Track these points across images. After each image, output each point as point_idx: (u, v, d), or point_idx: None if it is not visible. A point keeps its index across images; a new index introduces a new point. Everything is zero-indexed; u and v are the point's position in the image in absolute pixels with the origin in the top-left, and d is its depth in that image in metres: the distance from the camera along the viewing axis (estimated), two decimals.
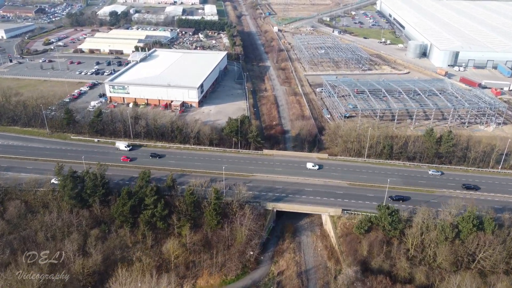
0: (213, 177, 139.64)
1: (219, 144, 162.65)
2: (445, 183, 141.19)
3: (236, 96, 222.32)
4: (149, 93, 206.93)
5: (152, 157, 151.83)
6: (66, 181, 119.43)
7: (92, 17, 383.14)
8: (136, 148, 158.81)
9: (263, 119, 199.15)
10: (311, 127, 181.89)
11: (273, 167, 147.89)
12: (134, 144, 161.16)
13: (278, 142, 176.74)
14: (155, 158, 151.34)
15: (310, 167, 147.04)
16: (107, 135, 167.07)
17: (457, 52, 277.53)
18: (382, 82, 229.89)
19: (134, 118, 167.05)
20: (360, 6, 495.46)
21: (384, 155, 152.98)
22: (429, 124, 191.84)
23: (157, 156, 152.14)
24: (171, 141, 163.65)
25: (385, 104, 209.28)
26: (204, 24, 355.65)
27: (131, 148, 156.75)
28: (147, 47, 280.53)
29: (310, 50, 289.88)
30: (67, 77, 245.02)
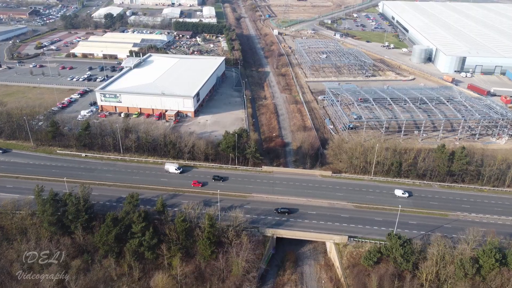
0: (208, 197, 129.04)
1: (215, 159, 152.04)
2: (458, 204, 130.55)
3: (234, 105, 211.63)
4: (142, 102, 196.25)
5: (215, 180, 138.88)
6: (45, 206, 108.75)
7: (87, 19, 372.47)
8: (187, 170, 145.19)
9: (262, 130, 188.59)
10: (313, 139, 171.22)
11: (273, 186, 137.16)
12: (179, 164, 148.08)
13: (278, 155, 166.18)
14: (219, 181, 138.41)
15: (400, 195, 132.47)
16: (95, 149, 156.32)
17: (464, 57, 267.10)
18: (387, 90, 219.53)
19: (125, 131, 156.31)
20: (362, 8, 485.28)
21: (392, 173, 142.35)
22: (438, 136, 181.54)
23: (220, 179, 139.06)
24: (164, 156, 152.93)
25: (391, 114, 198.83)
26: (202, 27, 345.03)
27: (182, 171, 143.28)
28: (142, 51, 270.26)
29: (311, 55, 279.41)
30: (58, 84, 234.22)
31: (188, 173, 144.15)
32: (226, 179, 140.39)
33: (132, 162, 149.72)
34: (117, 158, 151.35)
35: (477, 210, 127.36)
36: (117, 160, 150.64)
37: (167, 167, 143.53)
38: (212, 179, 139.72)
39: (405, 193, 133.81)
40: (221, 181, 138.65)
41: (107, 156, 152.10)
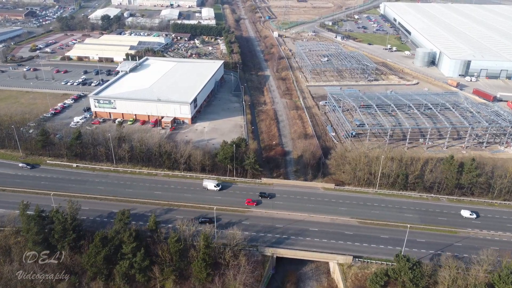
0: (204, 212, 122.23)
1: (212, 170, 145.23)
2: (469, 220, 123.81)
3: (233, 111, 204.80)
4: (137, 108, 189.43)
5: (262, 197, 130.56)
6: (30, 224, 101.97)
7: (84, 21, 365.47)
8: (227, 186, 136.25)
9: (262, 138, 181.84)
10: (315, 148, 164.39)
11: (273, 199, 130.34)
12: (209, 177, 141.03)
13: (278, 165, 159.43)
14: (266, 198, 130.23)
15: (467, 216, 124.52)
16: (87, 159, 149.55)
17: (469, 61, 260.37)
18: (391, 95, 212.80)
19: (118, 140, 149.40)
20: (363, 9, 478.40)
21: (398, 185, 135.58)
22: (444, 144, 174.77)
23: (268, 196, 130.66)
24: (159, 166, 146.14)
25: (394, 121, 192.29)
26: (200, 29, 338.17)
27: (221, 188, 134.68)
28: (139, 54, 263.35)
29: (312, 58, 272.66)
30: (51, 88, 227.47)
31: (229, 189, 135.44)
32: (273, 196, 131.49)
33: (125, 174, 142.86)
34: (109, 169, 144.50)
35: (489, 226, 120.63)
36: (110, 171, 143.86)
37: (205, 183, 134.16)
38: (259, 196, 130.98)
39: (472, 214, 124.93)
40: (268, 198, 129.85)
41: (99, 166, 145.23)
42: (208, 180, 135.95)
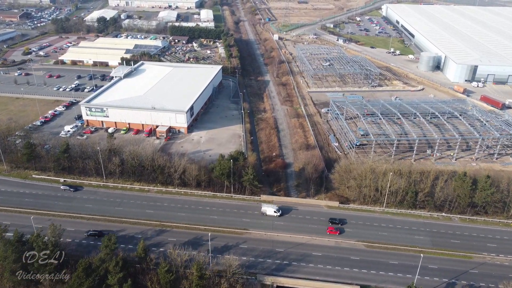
0: (199, 234, 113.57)
1: (208, 185, 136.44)
2: (483, 243, 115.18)
3: (231, 119, 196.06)
4: (131, 116, 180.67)
5: (332, 224, 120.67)
6: (7, 251, 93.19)
7: (79, 23, 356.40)
8: (287, 210, 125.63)
9: (261, 148, 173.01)
10: (317, 160, 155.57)
11: (273, 219, 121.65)
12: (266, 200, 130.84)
13: (278, 179, 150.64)
14: (337, 225, 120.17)
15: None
16: (76, 173, 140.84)
17: (476, 66, 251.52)
18: (396, 103, 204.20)
19: (109, 152, 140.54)
20: (364, 11, 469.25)
21: (406, 203, 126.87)
22: (453, 156, 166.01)
23: (339, 223, 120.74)
24: (152, 181, 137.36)
25: (400, 130, 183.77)
26: (199, 31, 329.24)
27: (281, 213, 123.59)
28: (134, 58, 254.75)
29: (313, 62, 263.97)
30: (43, 94, 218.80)
31: (290, 213, 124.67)
32: (344, 222, 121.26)
33: (115, 189, 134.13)
34: (99, 184, 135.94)
35: (506, 251, 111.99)
36: (99, 186, 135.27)
37: (264, 209, 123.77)
38: (329, 222, 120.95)
39: None
40: (339, 225, 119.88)
41: (88, 182, 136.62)
42: (267, 205, 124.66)
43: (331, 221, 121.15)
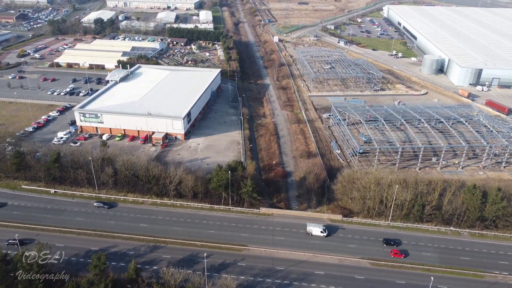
0: (194, 251, 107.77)
1: (205, 196, 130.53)
2: (495, 260, 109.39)
3: (230, 125, 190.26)
4: (126, 123, 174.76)
5: (388, 245, 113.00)
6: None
7: (76, 24, 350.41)
8: (334, 229, 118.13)
9: (261, 156, 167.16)
10: (319, 169, 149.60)
11: (273, 234, 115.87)
12: None
13: (279, 189, 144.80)
14: (392, 246, 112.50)
15: None
16: (67, 183, 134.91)
17: (480, 69, 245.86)
18: (399, 108, 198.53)
19: (101, 161, 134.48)
20: (366, 12, 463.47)
21: (413, 216, 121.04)
22: (459, 165, 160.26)
23: (394, 244, 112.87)
24: (146, 192, 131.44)
25: (404, 136, 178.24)
26: (197, 33, 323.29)
27: (328, 234, 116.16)
28: (131, 61, 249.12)
29: (314, 65, 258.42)
30: (37, 98, 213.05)
31: (338, 233, 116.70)
32: (399, 243, 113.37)
33: (108, 201, 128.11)
34: (91, 195, 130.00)
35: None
36: (91, 198, 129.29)
37: (310, 228, 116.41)
38: (383, 243, 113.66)
39: None
40: (395, 246, 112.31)
41: (79, 193, 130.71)
42: (313, 224, 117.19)
43: (385, 242, 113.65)
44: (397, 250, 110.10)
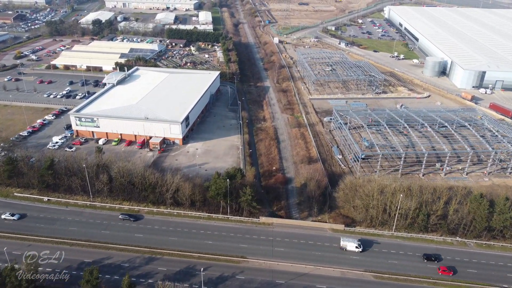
0: (191, 263, 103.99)
1: (203, 204, 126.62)
2: (503, 272, 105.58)
3: (229, 129, 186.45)
4: (123, 127, 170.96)
5: (428, 260, 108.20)
6: None
7: (74, 25, 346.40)
8: (368, 244, 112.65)
9: (260, 162, 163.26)
10: (320, 175, 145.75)
11: (273, 245, 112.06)
12: None
13: (279, 196, 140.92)
14: (433, 261, 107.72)
15: None
16: (61, 190, 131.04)
17: (484, 72, 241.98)
18: (402, 111, 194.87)
19: (96, 168, 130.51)
20: (366, 13, 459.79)
21: (417, 226, 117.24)
22: (463, 171, 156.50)
23: (435, 260, 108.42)
24: (143, 200, 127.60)
25: (407, 141, 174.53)
26: (196, 35, 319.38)
27: (363, 249, 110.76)
28: (129, 63, 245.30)
29: (315, 67, 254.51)
30: (32, 101, 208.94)
31: (373, 247, 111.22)
32: (439, 258, 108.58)
33: (102, 210, 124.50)
34: (85, 203, 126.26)
35: None
36: (85, 206, 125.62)
37: (344, 243, 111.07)
38: (424, 258, 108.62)
39: None
40: (436, 261, 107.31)
41: (73, 201, 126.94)
42: (347, 239, 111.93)
43: (426, 258, 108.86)
44: (445, 267, 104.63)
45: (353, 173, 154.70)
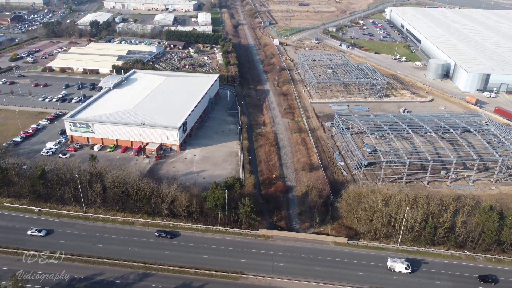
0: (188, 279, 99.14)
1: (201, 215, 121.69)
2: None
3: (228, 134, 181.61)
4: (119, 133, 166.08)
5: (484, 281, 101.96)
6: None
7: (71, 27, 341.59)
8: (416, 264, 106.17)
9: (260, 169, 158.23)
10: (322, 183, 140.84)
11: (273, 259, 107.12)
12: None
13: (279, 205, 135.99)
14: (490, 283, 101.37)
15: None
16: (53, 200, 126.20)
17: (488, 75, 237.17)
18: (405, 116, 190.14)
19: (90, 177, 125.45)
20: (367, 14, 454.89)
21: (424, 239, 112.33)
22: (470, 178, 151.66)
23: (492, 281, 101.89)
24: (138, 210, 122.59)
25: (411, 147, 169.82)
26: (195, 36, 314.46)
27: (412, 270, 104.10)
28: (126, 66, 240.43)
29: (315, 69, 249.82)
30: (27, 105, 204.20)
31: (422, 267, 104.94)
32: (496, 279, 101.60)
33: (96, 221, 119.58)
34: (77, 214, 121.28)
35: None
36: (78, 217, 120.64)
37: (391, 264, 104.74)
38: (480, 280, 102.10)
39: None
40: (493, 284, 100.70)
41: (65, 212, 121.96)
42: (395, 259, 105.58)
43: (482, 279, 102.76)
44: None
45: (356, 181, 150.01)
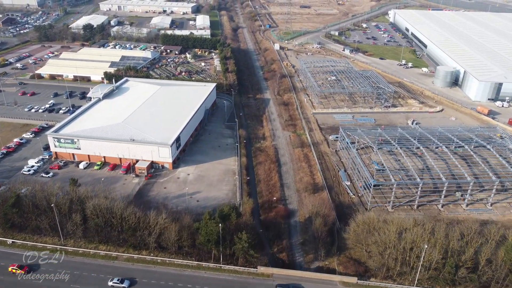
0: None
1: (192, 246, 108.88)
2: None
3: (225, 150, 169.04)
4: (106, 149, 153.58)
5: None
6: None
7: (64, 30, 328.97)
8: None
9: (259, 190, 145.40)
10: (327, 208, 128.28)
11: None
12: None
13: (279, 233, 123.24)
14: None
15: None
16: (28, 231, 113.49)
17: (500, 83, 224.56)
18: (415, 130, 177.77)
19: (70, 204, 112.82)
20: (370, 17, 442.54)
21: (443, 279, 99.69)
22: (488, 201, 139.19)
23: None
24: (123, 242, 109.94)
25: (421, 163, 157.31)
26: (193, 41, 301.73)
27: None
28: (119, 73, 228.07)
29: (318, 77, 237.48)
30: (12, 116, 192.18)
31: None
32: None
33: (75, 255, 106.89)
34: (55, 247, 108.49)
35: None
36: (55, 250, 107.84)
37: None
38: None
39: None
40: None
41: (41, 244, 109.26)
42: None
43: None
44: None
45: (364, 204, 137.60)
